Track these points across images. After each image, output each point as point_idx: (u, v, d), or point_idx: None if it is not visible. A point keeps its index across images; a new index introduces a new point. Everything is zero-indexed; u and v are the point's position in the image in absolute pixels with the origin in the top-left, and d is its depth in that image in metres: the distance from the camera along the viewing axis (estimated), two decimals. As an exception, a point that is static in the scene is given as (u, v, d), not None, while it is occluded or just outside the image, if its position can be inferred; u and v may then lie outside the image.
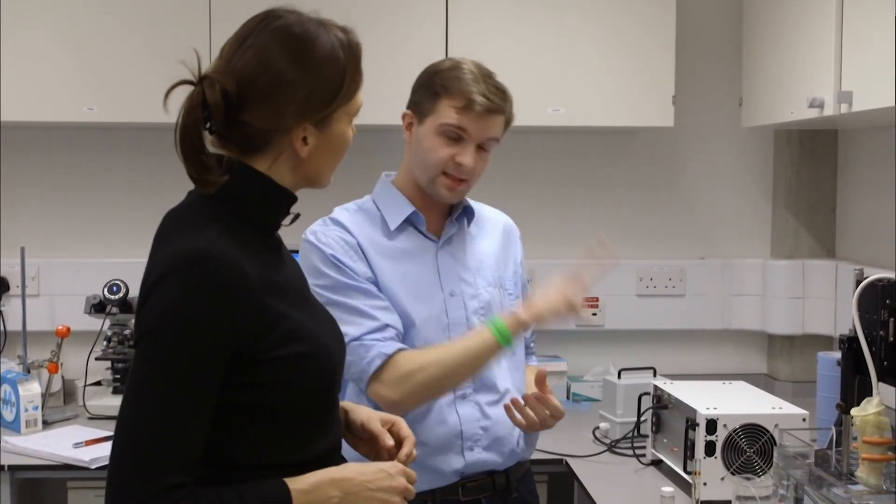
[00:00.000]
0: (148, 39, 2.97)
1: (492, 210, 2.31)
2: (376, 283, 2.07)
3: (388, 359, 1.98)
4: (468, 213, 2.21)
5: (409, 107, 2.13)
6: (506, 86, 2.10)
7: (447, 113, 2.05)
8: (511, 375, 2.17)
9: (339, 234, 2.08)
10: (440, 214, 2.17)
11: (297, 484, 1.41)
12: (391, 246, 2.11)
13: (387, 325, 2.01)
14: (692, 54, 3.40)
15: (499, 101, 2.06)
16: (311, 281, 2.03)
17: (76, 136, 3.35)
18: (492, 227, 2.26)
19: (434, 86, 2.07)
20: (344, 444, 1.62)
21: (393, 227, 2.11)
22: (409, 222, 2.14)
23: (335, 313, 1.92)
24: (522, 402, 2.07)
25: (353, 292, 2.03)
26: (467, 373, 2.01)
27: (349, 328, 1.96)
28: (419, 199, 2.14)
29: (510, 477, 2.16)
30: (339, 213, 2.14)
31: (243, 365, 1.38)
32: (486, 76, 2.08)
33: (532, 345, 2.39)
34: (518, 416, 2.07)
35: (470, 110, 2.04)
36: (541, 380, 2.07)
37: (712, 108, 3.46)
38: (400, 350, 2.00)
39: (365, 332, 1.99)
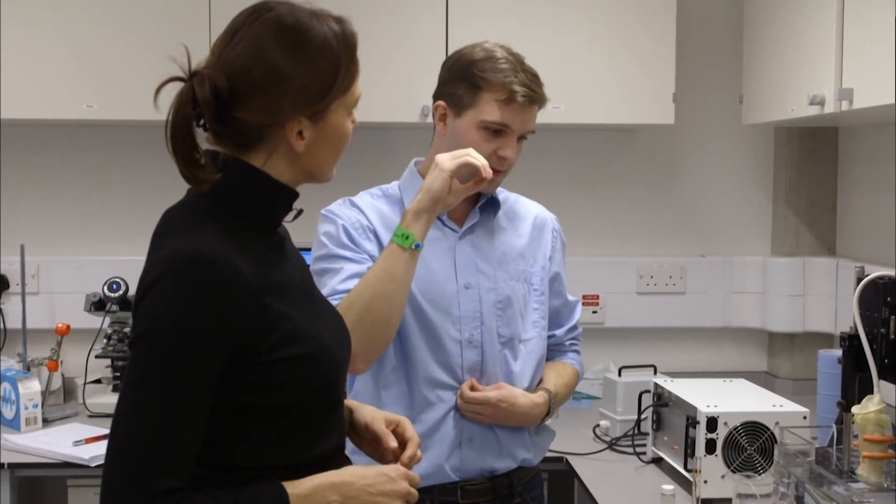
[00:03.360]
0: (147, 37, 2.96)
1: (529, 202, 2.24)
2: None
3: None
4: (494, 204, 2.14)
5: (441, 97, 2.07)
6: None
7: (489, 108, 2.00)
8: (526, 375, 2.12)
9: (356, 215, 2.05)
10: (465, 204, 2.10)
11: (295, 488, 1.38)
12: None
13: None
14: (693, 51, 3.40)
15: (538, 89, 2.03)
16: (313, 252, 2.02)
17: (76, 133, 3.35)
18: (522, 220, 2.19)
19: (473, 78, 2.02)
20: (349, 444, 1.61)
21: None
22: None
23: (322, 281, 1.89)
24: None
25: (344, 261, 1.99)
26: (391, 287, 1.86)
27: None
28: None
29: (513, 481, 2.10)
30: (361, 196, 2.11)
31: (243, 366, 1.36)
32: (520, 62, 2.04)
33: (569, 342, 2.29)
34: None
35: (512, 103, 2.00)
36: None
37: (713, 106, 3.45)
38: None
39: (329, 292, 1.92)
